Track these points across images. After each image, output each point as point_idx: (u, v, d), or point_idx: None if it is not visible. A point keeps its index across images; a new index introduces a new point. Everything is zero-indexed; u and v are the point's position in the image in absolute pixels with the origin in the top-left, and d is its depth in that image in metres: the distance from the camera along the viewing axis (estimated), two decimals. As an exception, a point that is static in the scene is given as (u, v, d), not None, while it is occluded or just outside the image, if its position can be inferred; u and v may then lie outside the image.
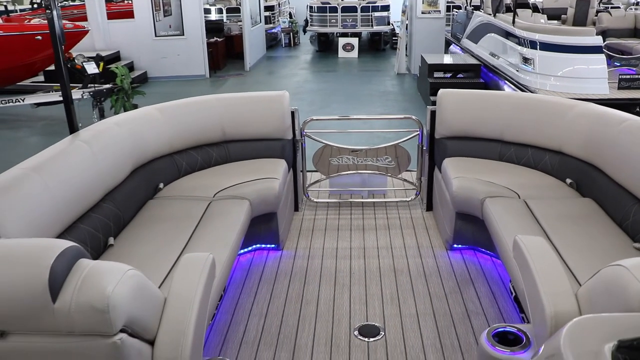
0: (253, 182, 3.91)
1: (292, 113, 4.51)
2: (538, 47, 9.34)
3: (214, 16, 19.62)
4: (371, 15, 18.55)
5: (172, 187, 3.94)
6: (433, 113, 4.54)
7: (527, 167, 4.16)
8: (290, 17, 22.65)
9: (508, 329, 2.40)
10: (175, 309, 1.95)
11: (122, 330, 1.68)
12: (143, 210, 3.61)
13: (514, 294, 3.34)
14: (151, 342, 1.88)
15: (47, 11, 3.24)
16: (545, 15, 12.45)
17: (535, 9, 12.79)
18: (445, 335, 3.18)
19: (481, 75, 11.11)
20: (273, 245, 4.15)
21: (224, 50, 17.26)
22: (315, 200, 4.96)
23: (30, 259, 1.62)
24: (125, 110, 10.37)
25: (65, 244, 1.69)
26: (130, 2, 16.05)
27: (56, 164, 2.92)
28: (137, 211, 3.59)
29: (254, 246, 4.13)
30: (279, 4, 21.76)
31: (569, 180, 3.86)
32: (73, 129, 3.51)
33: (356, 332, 3.22)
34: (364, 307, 3.46)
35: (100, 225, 3.09)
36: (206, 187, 3.88)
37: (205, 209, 3.58)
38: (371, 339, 3.16)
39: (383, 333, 3.21)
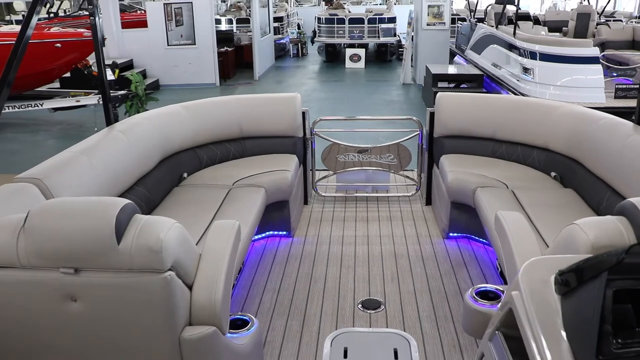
0: (268, 173, 4.33)
1: (303, 113, 4.92)
2: (538, 57, 9.74)
3: (224, 26, 20.12)
4: (378, 27, 19.02)
5: (195, 177, 4.36)
6: (432, 114, 4.93)
7: (517, 163, 4.56)
8: (299, 28, 23.16)
9: (489, 288, 2.78)
10: (210, 261, 2.34)
11: (170, 270, 2.07)
12: (170, 195, 4.03)
13: (499, 269, 3.72)
14: (189, 287, 2.26)
15: (91, 18, 3.66)
16: (546, 28, 12.86)
17: (536, 21, 13.20)
18: (440, 308, 3.56)
19: (484, 85, 11.50)
20: (284, 232, 4.55)
21: (234, 60, 17.74)
22: (323, 194, 5.36)
23: (100, 211, 2.02)
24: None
25: (125, 201, 2.08)
26: (143, 12, 16.54)
27: (99, 149, 3.35)
28: (165, 196, 4.00)
29: (267, 233, 4.53)
30: (287, 15, 22.27)
31: (553, 174, 4.25)
32: (110, 121, 3.93)
33: (359, 305, 3.60)
34: (367, 285, 3.85)
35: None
36: (226, 177, 4.29)
37: (226, 195, 4.00)
38: (373, 311, 3.55)
39: (384, 306, 3.59)
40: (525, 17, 12.96)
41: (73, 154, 3.19)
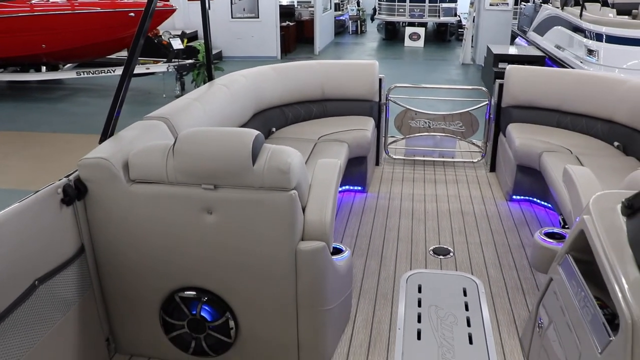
0: (349, 131, 4.73)
1: (380, 80, 5.28)
2: (604, 39, 9.74)
3: (285, 1, 20.48)
4: (439, 6, 19.06)
5: (282, 132, 4.81)
6: (501, 85, 5.21)
7: (581, 133, 4.81)
8: (358, 5, 23.33)
9: (556, 231, 3.11)
10: (319, 188, 2.74)
11: (294, 189, 2.48)
12: None
13: (562, 224, 4.02)
14: (302, 209, 2.68)
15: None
16: (615, 10, 12.68)
17: (604, 3, 13.01)
18: (504, 258, 3.90)
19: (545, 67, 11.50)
20: (360, 188, 4.95)
21: (295, 34, 18.15)
22: (393, 156, 5.74)
23: (239, 137, 2.44)
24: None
25: (257, 132, 2.51)
26: (209, -16, 17.05)
27: (208, 97, 3.83)
28: None
29: (344, 187, 4.94)
30: (348, -8, 22.50)
31: (616, 143, 4.51)
32: (211, 77, 4.40)
33: (431, 252, 3.98)
34: (437, 235, 4.22)
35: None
36: (311, 133, 4.72)
37: (313, 147, 4.42)
38: (443, 257, 3.92)
39: (453, 254, 3.96)
40: (593, -2, 12.79)
41: (189, 100, 3.67)
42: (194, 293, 2.74)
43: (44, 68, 12.70)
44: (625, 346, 1.72)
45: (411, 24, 19.18)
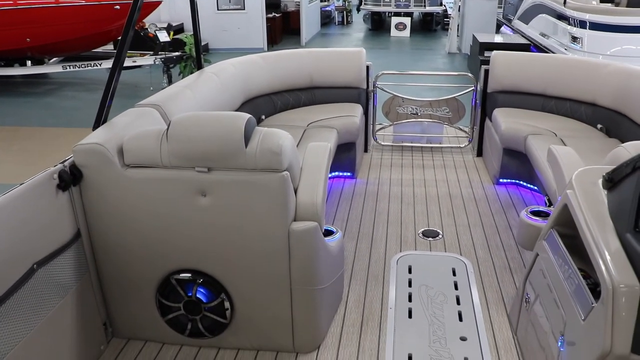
0: (338, 118, 4.79)
1: (367, 67, 5.34)
2: (587, 26, 9.85)
3: (271, -8, 20.43)
4: (425, -4, 19.13)
5: (271, 119, 4.85)
6: (486, 71, 5.29)
7: (565, 117, 4.90)
8: (344, -5, 23.35)
9: (542, 210, 3.19)
10: (310, 171, 2.79)
11: (286, 170, 2.54)
12: None
13: (547, 205, 4.11)
14: (294, 191, 2.73)
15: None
16: (598, -2, 12.82)
17: (588, -9, 13.14)
18: (492, 239, 3.98)
19: (530, 54, 11.61)
20: (349, 174, 5.01)
21: (281, 26, 18.12)
22: (382, 143, 5.80)
23: (231, 120, 2.49)
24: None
25: (249, 115, 2.56)
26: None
27: (199, 85, 3.87)
28: None
29: (334, 173, 5.00)
30: (333, -17, 22.49)
31: (599, 126, 4.61)
32: (200, 66, 4.43)
33: (420, 234, 4.06)
34: (425, 218, 4.29)
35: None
36: (300, 120, 4.77)
37: (303, 133, 4.47)
38: (432, 239, 4.00)
39: (442, 236, 4.04)
40: (577, -14, 12.90)
41: (179, 88, 3.71)
42: (190, 275, 2.78)
43: (29, 62, 12.57)
44: (607, 311, 1.80)
45: (397, 14, 19.22)
